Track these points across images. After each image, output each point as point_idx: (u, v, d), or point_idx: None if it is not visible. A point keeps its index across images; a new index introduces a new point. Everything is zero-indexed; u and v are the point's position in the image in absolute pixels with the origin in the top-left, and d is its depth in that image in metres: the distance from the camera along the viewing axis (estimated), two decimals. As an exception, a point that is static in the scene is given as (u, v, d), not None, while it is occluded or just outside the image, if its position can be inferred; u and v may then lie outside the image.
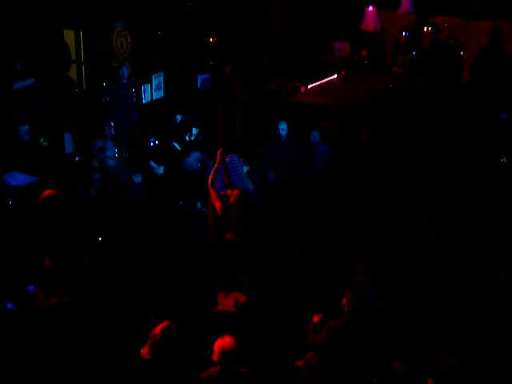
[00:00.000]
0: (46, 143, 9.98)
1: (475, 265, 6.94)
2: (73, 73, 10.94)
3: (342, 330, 5.89)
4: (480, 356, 5.69)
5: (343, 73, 12.51)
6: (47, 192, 6.95)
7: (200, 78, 11.98)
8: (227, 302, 7.34)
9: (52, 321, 5.86)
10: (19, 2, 10.04)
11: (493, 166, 9.42)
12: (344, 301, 5.97)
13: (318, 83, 11.81)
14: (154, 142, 10.72)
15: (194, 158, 9.97)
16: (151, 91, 11.47)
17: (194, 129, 10.20)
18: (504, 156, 9.33)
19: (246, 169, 8.21)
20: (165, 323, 5.41)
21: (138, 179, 9.38)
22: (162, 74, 11.66)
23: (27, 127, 9.82)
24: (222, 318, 7.04)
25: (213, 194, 7.33)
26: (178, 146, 10.21)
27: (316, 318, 6.16)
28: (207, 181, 7.47)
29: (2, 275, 6.51)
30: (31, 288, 6.27)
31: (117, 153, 10.02)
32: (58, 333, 5.80)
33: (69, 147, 10.17)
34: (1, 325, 5.70)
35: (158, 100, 11.62)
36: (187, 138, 10.22)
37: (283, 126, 9.68)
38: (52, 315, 5.90)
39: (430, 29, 12.43)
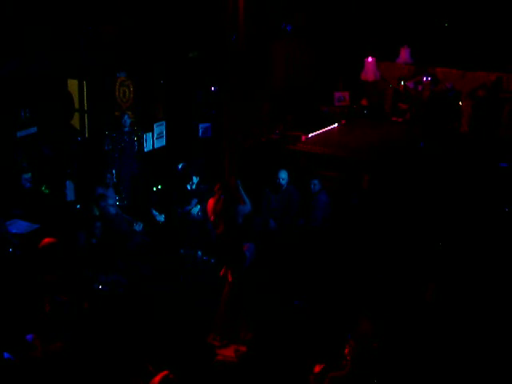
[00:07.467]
0: (47, 191, 10.00)
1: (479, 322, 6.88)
2: (76, 121, 11.04)
3: (343, 381, 5.80)
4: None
5: (343, 122, 12.63)
6: (47, 240, 6.93)
7: (201, 127, 12.08)
8: (227, 353, 7.26)
9: (49, 370, 5.77)
10: (24, 53, 10.18)
11: (495, 215, 9.41)
12: (346, 351, 5.90)
13: (318, 132, 11.92)
14: (156, 190, 10.75)
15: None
16: (153, 140, 11.55)
17: (194, 177, 10.24)
18: (506, 206, 9.33)
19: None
20: (164, 373, 5.33)
21: (138, 227, 9.37)
22: (164, 122, 11.77)
23: (29, 175, 9.86)
24: (222, 368, 6.95)
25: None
26: (178, 195, 10.23)
27: (317, 368, 6.08)
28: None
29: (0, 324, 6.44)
30: (29, 337, 6.19)
31: (118, 201, 10.05)
32: (56, 383, 5.71)
33: (70, 195, 10.20)
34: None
35: (160, 148, 11.69)
36: (188, 186, 10.25)
37: (284, 175, 9.72)
38: (49, 365, 5.82)
39: (428, 79, 12.59)
